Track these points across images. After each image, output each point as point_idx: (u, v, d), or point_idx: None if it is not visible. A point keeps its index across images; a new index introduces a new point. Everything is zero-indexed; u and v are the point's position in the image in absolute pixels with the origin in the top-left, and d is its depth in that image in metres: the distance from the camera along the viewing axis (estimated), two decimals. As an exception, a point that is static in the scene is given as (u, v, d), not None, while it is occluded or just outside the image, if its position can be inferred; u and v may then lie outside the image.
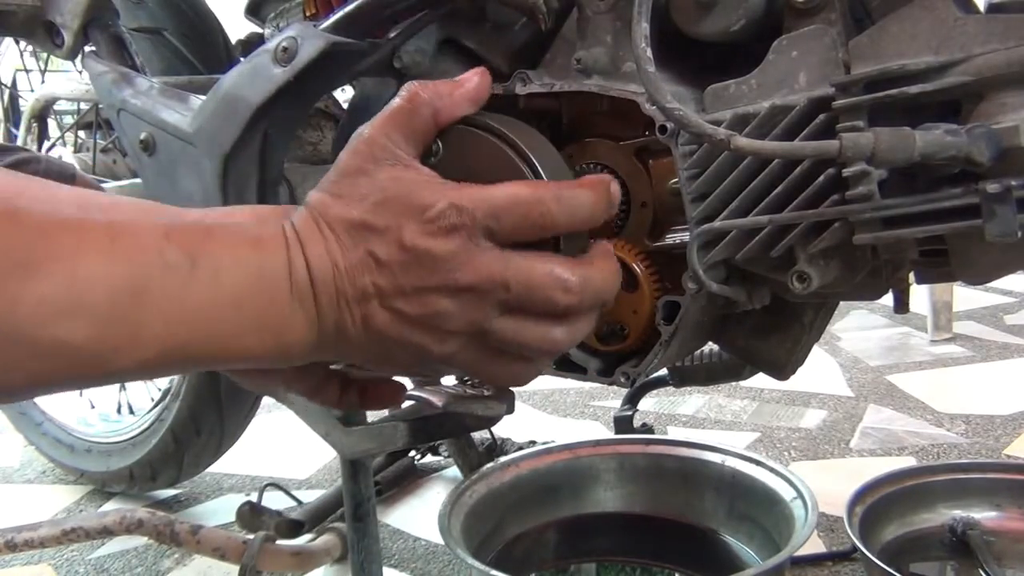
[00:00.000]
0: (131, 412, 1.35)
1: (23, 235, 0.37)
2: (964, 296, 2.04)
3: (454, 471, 1.29)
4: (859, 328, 1.98)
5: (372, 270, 0.43)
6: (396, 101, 0.47)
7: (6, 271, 0.36)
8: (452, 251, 0.42)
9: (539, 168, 0.47)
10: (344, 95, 0.81)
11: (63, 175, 0.79)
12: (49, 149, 1.28)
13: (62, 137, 1.30)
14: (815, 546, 1.01)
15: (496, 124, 0.49)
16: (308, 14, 0.72)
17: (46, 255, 0.37)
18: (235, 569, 0.88)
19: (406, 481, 1.27)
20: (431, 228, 0.43)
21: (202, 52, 0.99)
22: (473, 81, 0.48)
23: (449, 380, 0.62)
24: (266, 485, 1.03)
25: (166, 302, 0.39)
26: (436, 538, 1.00)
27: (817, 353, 1.71)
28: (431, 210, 0.43)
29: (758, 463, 0.79)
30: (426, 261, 0.43)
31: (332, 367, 0.54)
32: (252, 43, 0.85)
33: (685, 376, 0.81)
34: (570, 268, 0.44)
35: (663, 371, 0.79)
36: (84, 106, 1.27)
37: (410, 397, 0.59)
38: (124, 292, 0.38)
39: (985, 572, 0.78)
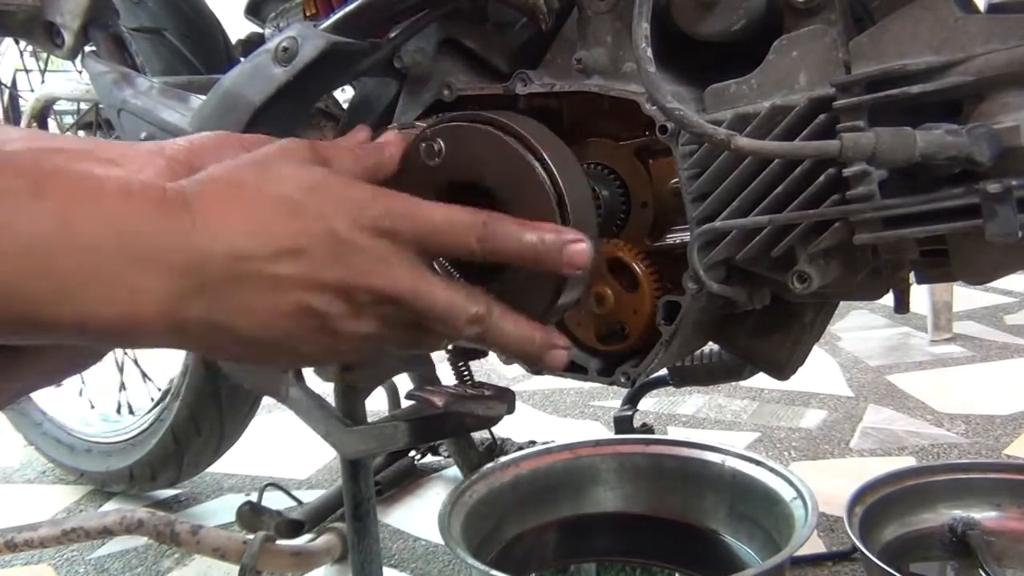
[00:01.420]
0: (131, 412, 1.35)
1: None
2: (964, 296, 2.04)
3: (454, 471, 1.29)
4: (859, 328, 1.98)
5: (294, 255, 0.40)
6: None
7: None
8: (379, 255, 0.42)
9: (548, 161, 0.48)
10: (344, 95, 0.81)
11: None
12: (49, 149, 1.28)
13: (62, 137, 1.30)
14: (815, 546, 1.01)
15: (506, 120, 0.49)
16: (308, 14, 0.72)
17: None
18: (235, 569, 0.88)
19: (406, 481, 1.27)
20: (364, 224, 0.42)
21: (202, 52, 0.99)
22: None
23: (450, 380, 0.62)
24: (266, 485, 1.03)
25: None
26: (436, 538, 1.00)
27: (817, 353, 1.71)
28: (369, 208, 0.42)
29: (758, 463, 0.79)
30: (353, 257, 0.41)
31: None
32: (252, 43, 0.85)
33: (685, 376, 0.81)
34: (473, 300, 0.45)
35: (663, 371, 0.79)
36: (84, 106, 1.27)
37: (410, 397, 0.59)
38: None
39: (985, 572, 0.78)
